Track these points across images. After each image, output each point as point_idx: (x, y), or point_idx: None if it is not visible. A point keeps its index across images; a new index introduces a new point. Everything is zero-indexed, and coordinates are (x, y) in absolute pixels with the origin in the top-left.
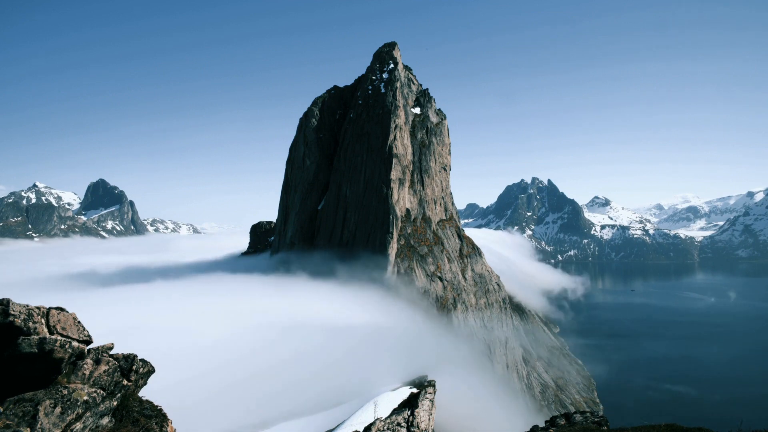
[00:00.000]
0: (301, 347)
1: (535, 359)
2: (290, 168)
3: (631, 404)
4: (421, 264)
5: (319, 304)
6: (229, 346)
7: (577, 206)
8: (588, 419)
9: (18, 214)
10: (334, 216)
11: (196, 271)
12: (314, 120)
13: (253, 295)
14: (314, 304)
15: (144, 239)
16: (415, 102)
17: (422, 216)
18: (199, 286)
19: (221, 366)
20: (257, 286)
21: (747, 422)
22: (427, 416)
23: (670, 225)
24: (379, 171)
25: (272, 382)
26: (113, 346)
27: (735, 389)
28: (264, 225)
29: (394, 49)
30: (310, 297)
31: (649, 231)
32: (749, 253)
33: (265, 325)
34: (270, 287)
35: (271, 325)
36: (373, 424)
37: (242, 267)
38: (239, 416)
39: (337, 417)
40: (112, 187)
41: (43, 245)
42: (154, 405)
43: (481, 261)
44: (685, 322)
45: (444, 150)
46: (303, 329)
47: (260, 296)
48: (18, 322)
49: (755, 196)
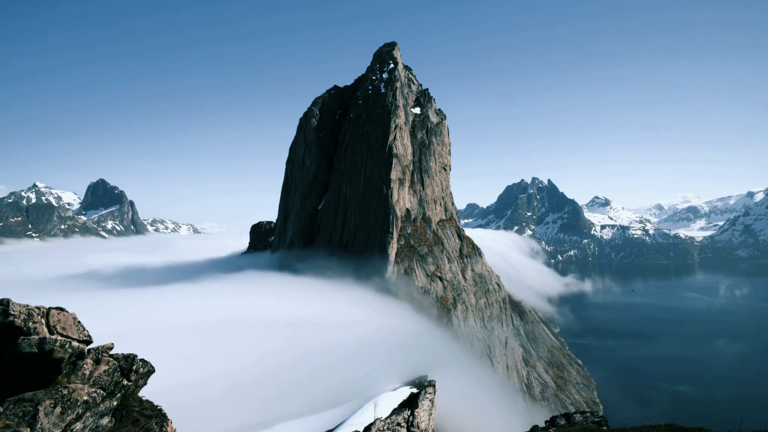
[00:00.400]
0: (301, 347)
1: (535, 359)
2: (290, 168)
3: (631, 404)
4: (421, 264)
5: (318, 304)
6: (229, 347)
7: (577, 206)
8: (588, 419)
9: (18, 214)
10: (334, 216)
11: (196, 271)
12: (314, 120)
13: (252, 296)
14: (314, 304)
15: (144, 239)
16: (415, 102)
17: (422, 216)
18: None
19: (221, 366)
20: (257, 286)
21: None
22: (427, 416)
23: (670, 225)
24: (379, 171)
25: (272, 383)
26: (113, 346)
27: (735, 389)
28: (264, 225)
29: (394, 49)
30: (309, 297)
31: (649, 231)
32: (749, 253)
33: (265, 325)
34: (269, 287)
35: (270, 325)
36: (373, 424)
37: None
38: (239, 416)
39: (337, 417)
40: (112, 187)
41: (43, 245)
42: (154, 405)
43: (481, 261)
44: (685, 322)
45: (444, 150)
46: (303, 329)
47: (259, 296)
48: (18, 322)
49: (755, 196)
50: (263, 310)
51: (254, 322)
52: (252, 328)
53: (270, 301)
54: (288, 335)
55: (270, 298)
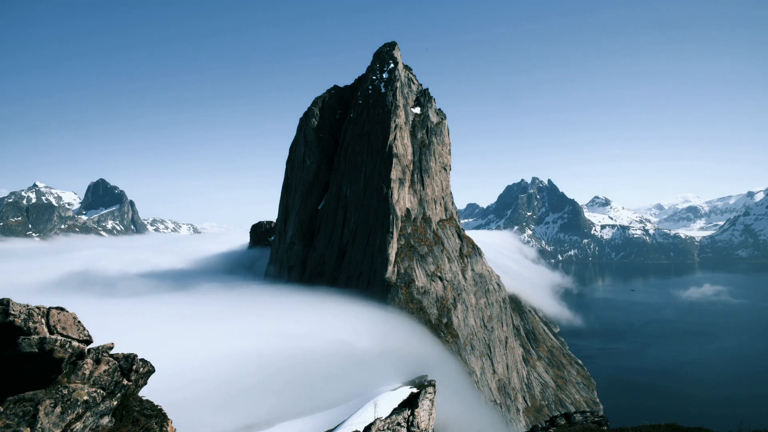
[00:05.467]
0: (301, 347)
1: (535, 359)
2: (290, 168)
3: (631, 404)
4: (421, 264)
5: (318, 304)
6: (229, 347)
7: (577, 206)
8: (588, 419)
9: (18, 213)
10: (334, 216)
11: (195, 271)
12: (314, 120)
13: (252, 296)
14: (314, 304)
15: (144, 239)
16: (415, 102)
17: (422, 216)
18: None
19: (221, 366)
20: (256, 286)
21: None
22: (427, 416)
23: (670, 225)
24: (380, 171)
25: (272, 383)
26: (113, 346)
27: (735, 389)
28: (264, 225)
29: (395, 48)
30: (309, 297)
31: (649, 231)
32: (749, 253)
33: (265, 325)
34: (269, 287)
35: (270, 325)
36: (373, 424)
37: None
38: (239, 416)
39: (337, 417)
40: (112, 187)
41: (44, 245)
42: (155, 405)
43: (481, 261)
44: (685, 321)
45: (444, 150)
46: (302, 329)
47: (259, 296)
48: (18, 321)
49: (755, 196)
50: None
51: (254, 322)
52: (251, 328)
53: (269, 301)
54: (288, 335)
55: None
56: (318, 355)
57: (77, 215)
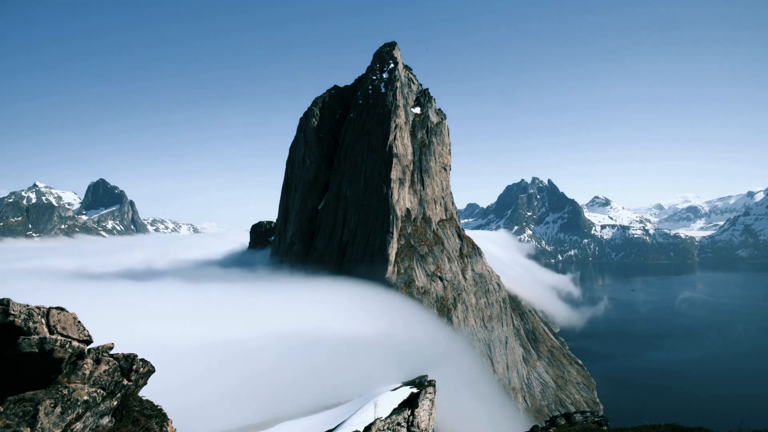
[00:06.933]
0: (301, 347)
1: (535, 359)
2: (290, 168)
3: (631, 404)
4: (421, 264)
5: (318, 304)
6: (229, 347)
7: (577, 206)
8: (588, 419)
9: (18, 213)
10: (334, 216)
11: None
12: (314, 120)
13: (252, 296)
14: (314, 304)
15: (144, 238)
16: (415, 102)
17: (422, 216)
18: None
19: (221, 366)
20: (256, 286)
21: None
22: (428, 416)
23: (671, 225)
24: (380, 171)
25: (272, 383)
26: (113, 346)
27: (735, 388)
28: (264, 225)
29: (395, 48)
30: (309, 297)
31: (649, 231)
32: (749, 253)
33: (265, 325)
34: (269, 287)
35: (270, 325)
36: (373, 424)
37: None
38: (239, 416)
39: (337, 417)
40: (112, 187)
41: (44, 245)
42: (155, 405)
43: (481, 261)
44: (685, 321)
45: (444, 150)
46: (302, 329)
47: (259, 296)
48: (18, 321)
49: (755, 196)
50: (263, 310)
51: (254, 322)
52: (252, 328)
53: (269, 301)
54: (288, 335)
55: (269, 298)
56: (318, 355)
57: (77, 215)
